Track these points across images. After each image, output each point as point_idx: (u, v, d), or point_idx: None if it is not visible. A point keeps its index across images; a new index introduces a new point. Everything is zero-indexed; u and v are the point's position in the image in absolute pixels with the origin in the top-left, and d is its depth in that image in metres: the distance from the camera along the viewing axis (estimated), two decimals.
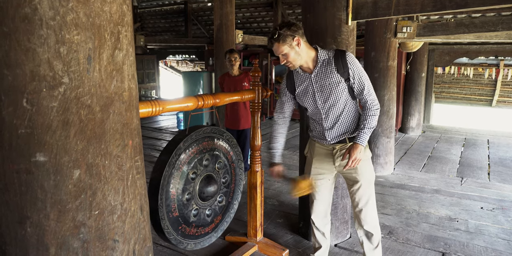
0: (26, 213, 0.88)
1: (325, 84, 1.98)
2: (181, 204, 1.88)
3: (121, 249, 1.02)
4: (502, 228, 3.06)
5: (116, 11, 0.94)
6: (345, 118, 2.05)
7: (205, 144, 2.02)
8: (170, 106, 1.81)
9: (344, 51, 1.97)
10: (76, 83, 0.87)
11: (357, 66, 1.96)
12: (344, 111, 2.03)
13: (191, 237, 1.98)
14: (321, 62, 1.98)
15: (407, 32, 4.47)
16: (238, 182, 2.33)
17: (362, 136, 1.97)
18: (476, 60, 8.12)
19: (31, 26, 0.81)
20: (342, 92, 1.98)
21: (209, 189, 2.03)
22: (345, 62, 1.94)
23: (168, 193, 1.80)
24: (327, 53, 1.99)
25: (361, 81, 1.97)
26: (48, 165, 0.87)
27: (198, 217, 2.01)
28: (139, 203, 1.07)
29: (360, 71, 1.96)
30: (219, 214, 2.19)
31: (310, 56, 1.97)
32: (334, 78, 1.96)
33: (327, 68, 1.97)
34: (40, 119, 0.85)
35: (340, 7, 2.44)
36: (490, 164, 5.08)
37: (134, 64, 1.04)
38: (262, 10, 8.72)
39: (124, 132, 1.00)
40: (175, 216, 1.86)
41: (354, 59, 1.97)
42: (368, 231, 2.18)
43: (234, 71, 3.96)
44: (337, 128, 2.06)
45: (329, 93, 1.99)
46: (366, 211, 2.14)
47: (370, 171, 2.13)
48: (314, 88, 2.02)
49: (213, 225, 2.16)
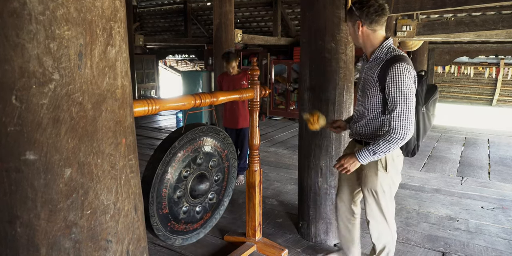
0: (16, 212, 0.86)
1: (367, 78, 1.92)
2: (172, 202, 1.87)
3: (114, 249, 1.00)
4: (503, 228, 3.04)
5: (108, 7, 0.92)
6: (369, 121, 1.94)
7: (200, 142, 2.01)
8: (167, 105, 1.79)
9: (396, 61, 1.76)
10: (67, 80, 0.85)
11: (395, 82, 1.73)
12: (371, 114, 1.92)
13: (179, 233, 1.97)
14: (374, 57, 1.89)
15: (407, 30, 4.45)
16: (231, 180, 2.32)
17: (363, 153, 1.81)
18: (476, 59, 8.10)
19: (20, 21, 0.79)
20: (374, 96, 1.87)
21: (201, 187, 2.02)
22: (387, 71, 1.76)
23: (159, 191, 1.79)
24: (385, 53, 1.85)
25: (395, 100, 1.74)
26: (38, 164, 0.85)
27: (188, 214, 2.00)
28: (133, 203, 1.05)
29: (397, 89, 1.73)
30: (209, 211, 2.18)
31: (372, 44, 1.89)
32: (373, 79, 1.86)
33: (374, 66, 1.87)
34: (30, 116, 0.83)
35: (339, 5, 2.42)
36: (490, 163, 5.06)
37: (128, 61, 1.02)
38: (262, 10, 8.70)
39: (117, 130, 0.98)
40: (165, 213, 1.85)
41: (398, 73, 1.73)
42: (373, 242, 2.13)
43: (233, 71, 3.97)
44: (359, 125, 2.00)
45: (366, 89, 1.93)
46: (371, 224, 2.07)
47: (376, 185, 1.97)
48: (362, 77, 1.99)
49: (202, 221, 2.15)
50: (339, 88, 2.52)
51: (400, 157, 1.99)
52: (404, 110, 1.73)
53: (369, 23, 1.83)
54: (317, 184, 2.67)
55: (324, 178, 2.64)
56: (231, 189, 2.33)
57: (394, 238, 2.12)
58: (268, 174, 4.46)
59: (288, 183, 4.14)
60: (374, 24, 1.84)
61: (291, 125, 7.90)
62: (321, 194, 2.67)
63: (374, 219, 2.05)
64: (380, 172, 1.94)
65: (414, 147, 1.97)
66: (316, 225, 2.73)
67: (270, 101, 8.58)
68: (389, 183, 1.96)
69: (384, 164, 1.93)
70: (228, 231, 2.90)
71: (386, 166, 1.93)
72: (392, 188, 1.99)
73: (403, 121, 1.73)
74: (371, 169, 1.95)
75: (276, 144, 6.13)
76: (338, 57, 2.48)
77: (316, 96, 2.56)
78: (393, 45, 1.91)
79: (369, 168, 1.96)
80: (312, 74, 2.56)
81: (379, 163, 1.93)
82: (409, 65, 1.78)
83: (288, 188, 4.00)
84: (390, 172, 1.94)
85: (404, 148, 1.96)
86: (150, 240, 2.75)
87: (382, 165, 1.93)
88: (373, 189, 1.97)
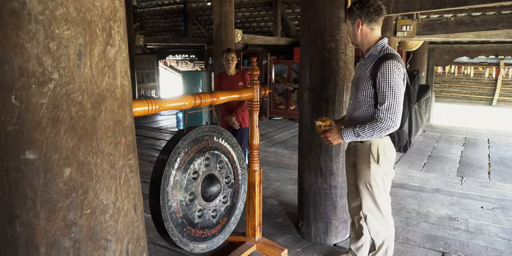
0: (16, 211, 0.86)
1: (360, 75, 2.02)
2: (184, 205, 1.86)
3: (113, 248, 1.00)
4: (503, 228, 3.04)
5: (108, 7, 0.92)
6: (361, 115, 2.03)
7: (204, 143, 2.01)
8: (167, 105, 1.79)
9: (387, 58, 1.87)
10: (66, 80, 0.85)
11: (385, 78, 1.84)
12: (362, 108, 2.02)
13: (197, 239, 1.96)
14: (369, 54, 2.00)
15: (407, 30, 4.46)
16: (242, 182, 2.31)
17: (348, 132, 1.93)
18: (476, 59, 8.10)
19: (19, 20, 0.79)
20: (365, 91, 1.96)
21: (212, 189, 2.00)
22: (379, 67, 1.87)
23: (169, 194, 1.78)
24: (379, 51, 1.95)
25: (384, 94, 1.85)
26: (38, 163, 0.85)
27: (202, 218, 1.99)
28: (132, 202, 1.05)
29: (387, 84, 1.84)
30: (225, 215, 2.17)
31: (369, 42, 1.99)
32: (366, 76, 1.96)
33: (368, 62, 1.97)
34: (29, 116, 0.83)
35: (339, 5, 2.42)
36: (490, 163, 5.06)
37: (127, 61, 1.02)
38: (262, 10, 8.71)
39: (117, 130, 0.98)
40: (179, 217, 1.84)
41: (389, 70, 1.84)
42: (372, 238, 2.19)
43: (231, 70, 3.91)
44: (351, 119, 2.09)
45: (358, 85, 2.01)
46: (368, 218, 2.12)
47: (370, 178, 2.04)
48: (356, 74, 2.09)
49: (219, 226, 2.13)
50: (339, 88, 2.53)
51: (392, 150, 2.06)
52: (392, 103, 1.84)
53: (368, 22, 1.94)
54: (317, 184, 2.67)
55: (324, 178, 2.64)
56: (244, 192, 2.32)
57: (392, 234, 2.17)
58: (268, 174, 4.46)
59: (288, 183, 4.14)
60: (373, 23, 1.95)
61: (291, 125, 7.90)
62: (321, 194, 2.67)
63: (371, 213, 2.10)
64: (372, 164, 2.02)
65: (406, 142, 2.06)
66: (316, 225, 2.74)
67: (270, 101, 8.59)
68: (381, 175, 2.04)
69: (376, 157, 2.01)
70: None
71: (378, 159, 2.01)
72: (385, 181, 2.06)
73: (390, 114, 1.84)
74: (364, 162, 2.03)
75: (276, 144, 6.13)
76: (338, 57, 2.48)
77: (316, 96, 2.56)
78: (387, 45, 2.01)
79: (362, 161, 2.05)
80: (312, 74, 2.56)
81: (371, 156, 2.01)
82: (400, 63, 1.89)
83: (288, 188, 4.00)
84: (382, 164, 2.02)
85: (397, 143, 2.04)
86: (150, 239, 2.76)
87: (374, 158, 2.01)
88: (367, 182, 2.05)
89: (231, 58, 3.83)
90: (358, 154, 2.07)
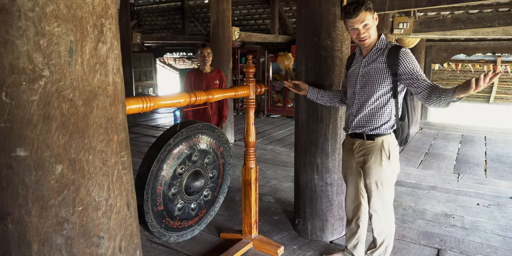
0: (7, 209, 0.86)
1: (370, 71, 2.02)
2: (166, 199, 1.87)
3: (106, 245, 1.00)
4: (498, 224, 3.05)
5: (99, 3, 0.92)
6: (373, 111, 2.04)
7: (195, 140, 2.01)
8: (162, 102, 1.79)
9: (400, 47, 1.96)
10: (57, 77, 0.85)
11: (412, 61, 1.92)
12: (375, 103, 2.03)
13: (174, 230, 1.98)
14: (376, 50, 2.03)
15: (403, 28, 4.46)
16: (226, 177, 2.32)
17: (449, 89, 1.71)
18: (473, 56, 8.10)
19: (9, 17, 0.78)
20: (382, 84, 1.99)
21: (196, 184, 2.01)
22: (397, 56, 1.92)
23: (154, 188, 1.78)
24: (385, 44, 2.02)
25: (414, 73, 1.88)
26: (29, 160, 0.85)
27: (182, 211, 2.00)
28: (125, 199, 1.05)
29: (415, 66, 1.91)
30: (204, 208, 2.18)
31: (375, 37, 2.02)
32: (380, 69, 1.98)
33: (378, 57, 2.00)
34: (20, 113, 0.83)
35: (335, 2, 2.42)
36: (487, 160, 5.08)
37: (119, 58, 1.02)
38: (259, 7, 8.68)
39: (109, 127, 0.98)
40: (160, 210, 1.85)
41: (410, 54, 1.93)
42: (375, 237, 2.18)
43: (206, 67, 3.59)
44: (361, 117, 2.07)
45: (370, 80, 2.02)
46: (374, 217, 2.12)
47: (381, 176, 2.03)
48: (360, 71, 2.08)
49: (197, 218, 2.14)
50: (335, 86, 2.53)
51: (397, 146, 2.09)
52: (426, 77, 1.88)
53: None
54: (313, 181, 2.67)
55: (320, 176, 2.64)
56: (226, 186, 2.33)
57: (393, 231, 2.19)
58: (265, 172, 4.47)
59: (285, 181, 4.15)
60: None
61: (289, 122, 7.90)
62: (317, 192, 2.68)
63: (377, 212, 2.10)
64: (384, 162, 2.02)
65: (406, 135, 2.09)
66: (312, 222, 2.74)
67: (268, 99, 8.58)
68: (391, 172, 2.06)
69: (388, 154, 2.02)
70: (225, 229, 2.91)
71: (389, 156, 2.02)
72: (394, 177, 2.09)
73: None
74: (377, 160, 2.03)
75: (273, 142, 6.13)
76: (333, 55, 2.48)
77: None
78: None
79: (374, 159, 2.04)
80: (309, 71, 2.56)
81: (383, 153, 2.02)
82: None
83: (285, 185, 4.00)
84: (392, 161, 2.04)
85: (399, 136, 2.07)
86: (147, 237, 2.76)
87: (386, 155, 2.02)
88: (378, 180, 2.04)
89: (207, 53, 3.51)
90: (369, 152, 2.05)
